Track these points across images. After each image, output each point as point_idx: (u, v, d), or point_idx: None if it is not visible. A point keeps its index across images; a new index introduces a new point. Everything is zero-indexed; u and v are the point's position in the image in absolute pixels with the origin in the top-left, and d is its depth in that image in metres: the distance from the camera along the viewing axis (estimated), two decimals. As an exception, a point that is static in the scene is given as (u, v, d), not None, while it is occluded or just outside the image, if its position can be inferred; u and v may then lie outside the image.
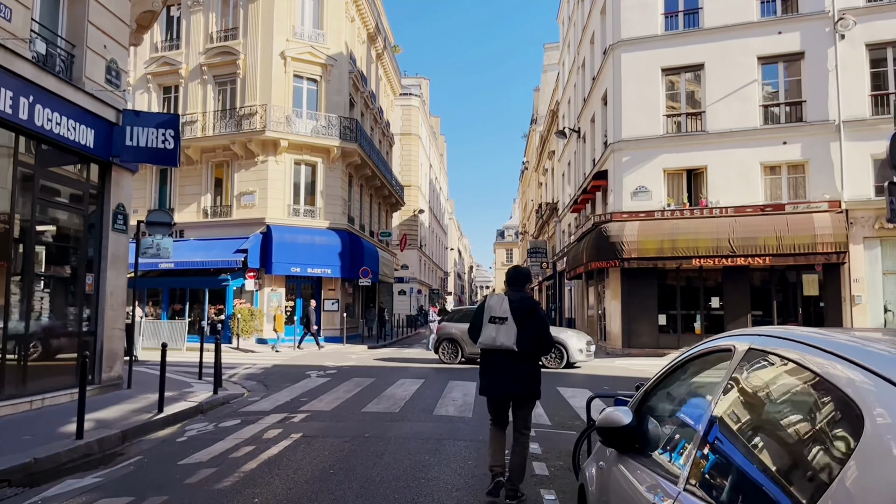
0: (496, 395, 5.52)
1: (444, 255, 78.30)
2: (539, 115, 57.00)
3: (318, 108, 28.19)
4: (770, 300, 20.60)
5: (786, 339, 2.07)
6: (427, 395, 11.48)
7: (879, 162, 19.72)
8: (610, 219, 21.80)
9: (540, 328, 5.47)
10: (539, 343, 5.46)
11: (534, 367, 5.54)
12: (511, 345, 5.34)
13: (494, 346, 5.41)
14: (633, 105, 22.12)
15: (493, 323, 5.45)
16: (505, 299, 5.51)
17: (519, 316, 5.42)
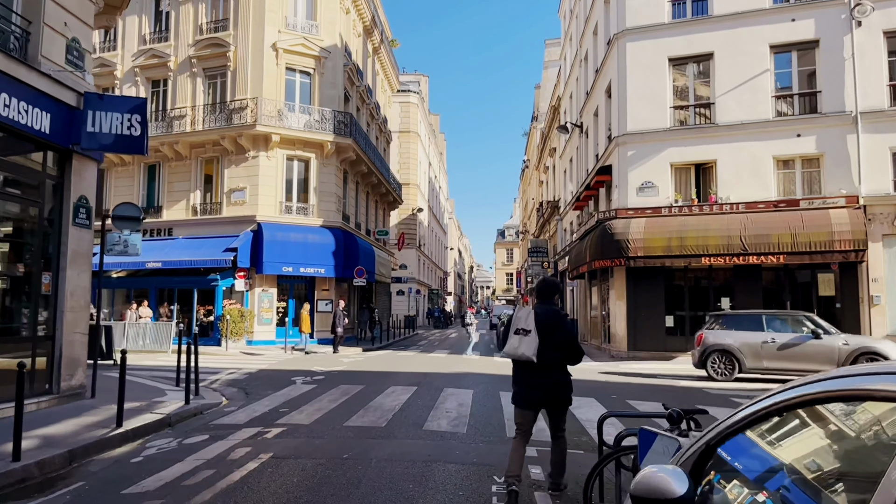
0: (524, 405, 5.68)
1: (443, 255, 77.34)
2: (540, 113, 56.04)
3: (312, 102, 27.24)
4: (783, 301, 19.60)
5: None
6: (418, 405, 10.50)
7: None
8: (615, 215, 20.82)
9: (566, 339, 5.59)
10: (566, 353, 5.58)
11: (563, 375, 5.64)
12: (531, 356, 5.44)
13: (516, 356, 5.57)
14: (638, 97, 21.13)
15: (518, 334, 5.59)
16: (531, 312, 5.61)
17: (542, 328, 5.51)
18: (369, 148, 31.65)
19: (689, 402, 11.10)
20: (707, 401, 11.32)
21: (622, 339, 20.91)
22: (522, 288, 68.64)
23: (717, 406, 10.62)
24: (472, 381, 13.94)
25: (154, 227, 26.93)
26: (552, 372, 5.56)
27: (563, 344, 5.55)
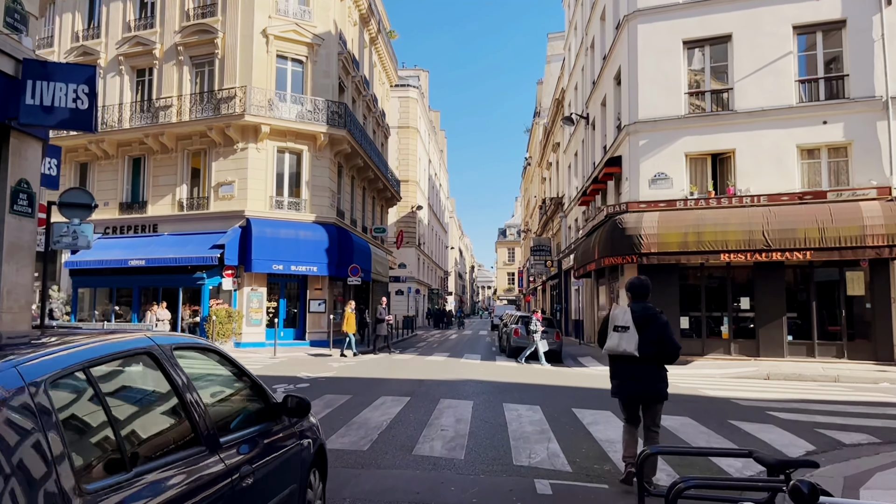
0: (624, 397, 6.05)
1: (444, 255, 75.98)
2: (542, 108, 54.68)
3: (304, 92, 25.87)
4: (808, 301, 18.21)
5: None
6: (409, 420, 9.12)
7: (934, 143, 17.32)
8: (625, 209, 19.43)
9: (661, 334, 5.83)
10: (661, 348, 5.81)
11: (658, 369, 5.89)
12: (633, 350, 5.80)
13: (618, 352, 5.92)
14: (650, 82, 19.74)
15: (617, 331, 5.93)
16: (627, 311, 5.96)
17: (639, 324, 5.85)
18: (365, 141, 30.29)
19: (720, 415, 9.73)
20: (740, 414, 9.94)
21: (633, 341, 19.47)
22: (524, 287, 67.32)
23: (754, 421, 9.23)
24: (472, 389, 12.55)
25: (138, 223, 25.60)
26: (649, 366, 5.87)
27: (659, 339, 5.83)
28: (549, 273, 41.45)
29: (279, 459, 3.64)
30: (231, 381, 3.82)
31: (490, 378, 14.60)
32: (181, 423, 2.89)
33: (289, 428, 3.98)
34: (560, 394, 12.11)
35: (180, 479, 2.59)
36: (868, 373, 15.64)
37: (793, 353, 18.02)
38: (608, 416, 9.50)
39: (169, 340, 3.13)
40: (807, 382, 14.90)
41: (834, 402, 11.15)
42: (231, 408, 3.74)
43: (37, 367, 2.17)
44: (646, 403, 5.98)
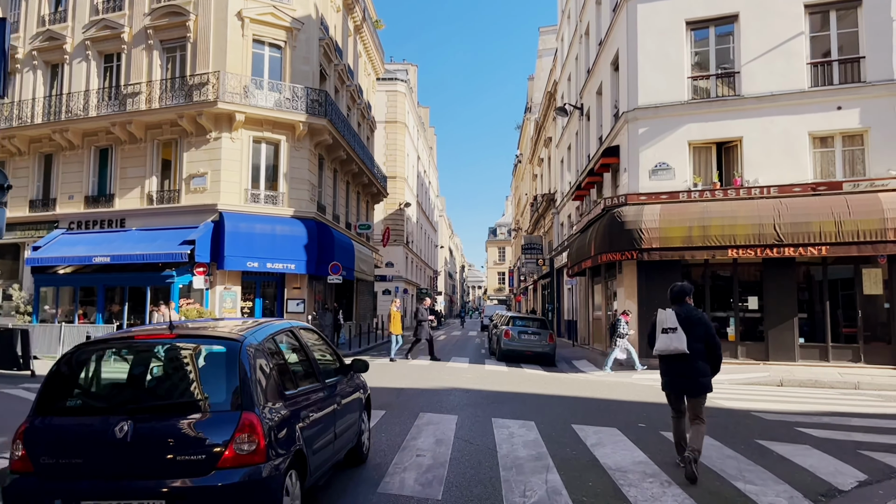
0: (674, 391, 6.76)
1: (433, 254, 74.52)
2: (534, 104, 53.33)
3: (282, 79, 24.36)
4: (822, 300, 16.90)
5: None
6: (380, 443, 7.68)
7: (959, 130, 16.05)
8: (624, 202, 18.05)
9: (706, 332, 6.58)
10: (707, 344, 6.55)
11: (704, 365, 6.53)
12: (684, 348, 6.46)
13: (670, 351, 6.56)
14: (651, 65, 18.37)
15: (665, 333, 6.60)
16: (672, 313, 6.63)
17: (685, 325, 6.52)
18: (349, 133, 28.79)
19: (745, 433, 8.34)
20: (767, 431, 8.56)
21: (633, 344, 18.13)
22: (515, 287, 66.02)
23: (786, 441, 7.84)
24: (458, 400, 11.12)
25: (105, 217, 24.01)
26: (696, 362, 6.49)
27: (704, 336, 6.52)
28: (541, 272, 40.11)
29: (350, 396, 6.38)
30: (324, 348, 6.46)
31: (478, 386, 13.16)
32: (310, 368, 5.71)
33: (353, 380, 6.73)
34: (556, 405, 10.71)
35: (310, 397, 5.27)
36: (891, 379, 14.33)
37: (805, 356, 16.70)
38: (614, 435, 8.10)
39: (297, 324, 6.01)
40: (825, 390, 13.59)
41: (868, 416, 9.80)
42: (326, 363, 6.24)
43: (258, 336, 4.85)
44: (692, 396, 6.59)
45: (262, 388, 4.46)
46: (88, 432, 4.11)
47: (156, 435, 4.06)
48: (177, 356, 4.77)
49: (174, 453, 4.00)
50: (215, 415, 4.18)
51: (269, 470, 4.12)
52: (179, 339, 4.68)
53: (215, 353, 4.60)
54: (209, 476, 3.96)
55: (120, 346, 4.97)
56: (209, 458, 4.00)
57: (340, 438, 5.85)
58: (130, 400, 4.56)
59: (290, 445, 4.50)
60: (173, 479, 3.95)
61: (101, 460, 4.02)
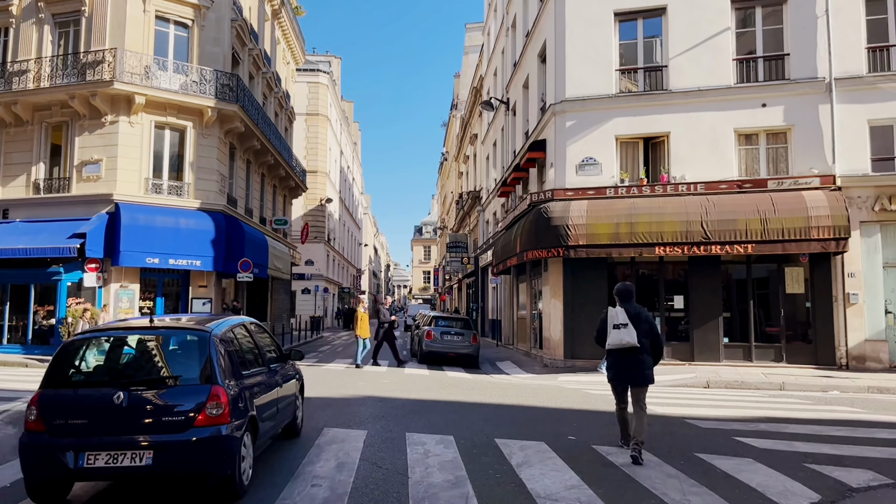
0: (622, 383, 7.22)
1: (357, 252, 72.83)
2: (460, 101, 52.62)
3: (190, 60, 22.51)
4: (745, 299, 16.69)
5: None
6: (271, 467, 6.49)
7: (878, 130, 16.14)
8: (551, 197, 17.36)
9: (651, 329, 7.22)
10: (651, 338, 7.21)
11: (647, 358, 7.12)
12: (634, 342, 6.98)
13: (622, 345, 7.05)
14: (579, 57, 17.76)
15: (617, 329, 7.09)
16: (622, 310, 7.13)
17: (634, 321, 7.07)
18: (264, 122, 27.11)
19: (682, 446, 7.60)
20: (706, 443, 7.85)
21: (558, 344, 17.50)
22: (440, 286, 65.29)
23: (727, 454, 7.12)
24: (370, 411, 10.00)
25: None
26: (643, 355, 7.10)
27: (649, 332, 7.19)
28: (466, 271, 39.39)
29: (290, 380, 7.82)
30: (268, 339, 7.82)
31: (395, 394, 12.07)
32: (258, 354, 6.98)
33: (292, 367, 8.29)
34: (479, 415, 9.74)
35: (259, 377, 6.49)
36: (813, 379, 14.15)
37: (729, 356, 16.45)
38: (543, 452, 7.17)
39: (247, 320, 7.38)
40: (751, 391, 13.24)
41: (803, 422, 9.29)
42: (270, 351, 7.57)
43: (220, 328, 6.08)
44: (638, 386, 7.11)
45: (225, 367, 5.68)
46: (91, 400, 5.28)
47: (145, 402, 5.24)
48: (159, 343, 5.95)
49: (159, 416, 5.19)
50: (191, 387, 5.44)
51: (232, 430, 5.36)
52: (160, 329, 5.98)
53: (189, 341, 5.94)
54: (187, 433, 5.16)
55: (113, 335, 6.17)
56: (187, 420, 5.21)
57: (281, 413, 7.24)
58: (124, 375, 5.73)
59: (246, 413, 5.78)
60: (159, 434, 5.12)
61: (101, 421, 5.14)
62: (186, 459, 5.15)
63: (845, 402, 11.37)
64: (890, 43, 16.12)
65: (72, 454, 5.03)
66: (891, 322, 15.67)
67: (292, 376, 8.03)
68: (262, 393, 6.42)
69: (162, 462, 5.05)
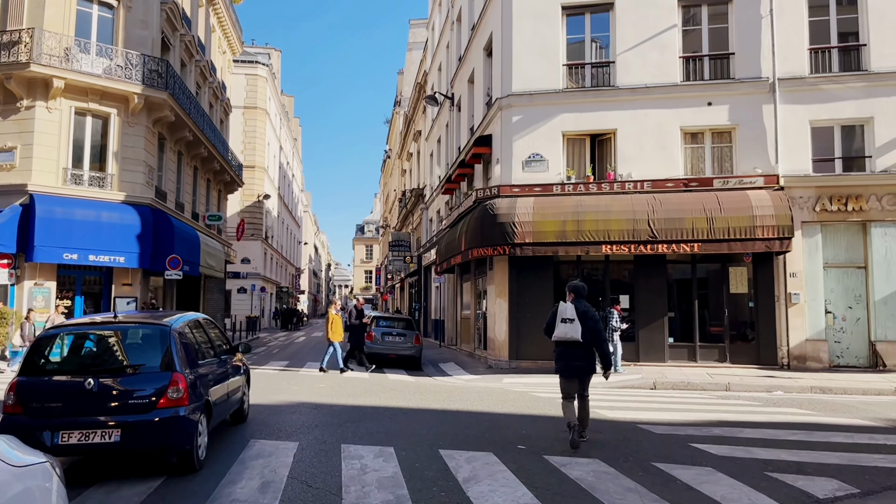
0: (568, 374, 7.67)
1: (297, 251, 71.14)
2: (403, 98, 51.84)
3: (115, 43, 21.08)
4: (690, 299, 16.57)
5: None
6: (183, 489, 5.67)
7: (819, 131, 16.26)
8: (497, 193, 16.86)
9: (595, 326, 7.59)
10: (594, 335, 7.58)
11: (591, 351, 7.63)
12: (578, 337, 7.48)
13: (566, 339, 7.54)
14: (526, 50, 17.33)
15: (564, 323, 7.56)
16: (571, 306, 7.62)
17: (581, 317, 7.53)
18: (197, 112, 25.77)
19: (637, 454, 7.15)
20: (661, 450, 7.41)
21: (502, 345, 17.02)
22: (382, 286, 64.38)
23: (685, 463, 6.68)
24: (304, 419, 9.22)
25: None
26: (588, 348, 7.60)
27: (593, 329, 7.56)
28: (409, 270, 38.68)
29: (238, 369, 8.63)
30: (219, 333, 8.65)
31: (332, 399, 11.29)
32: (210, 346, 7.70)
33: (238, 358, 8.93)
34: (422, 422, 9.09)
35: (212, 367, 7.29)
36: (757, 379, 14.07)
37: (674, 356, 16.30)
38: (491, 465, 6.58)
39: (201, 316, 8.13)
40: (698, 393, 13.03)
41: (757, 425, 8.99)
42: (221, 344, 8.39)
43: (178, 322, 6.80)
44: (584, 376, 7.65)
45: (182, 357, 6.37)
46: (64, 386, 5.94)
47: (113, 387, 5.95)
48: (125, 336, 6.77)
49: (126, 399, 5.93)
50: (153, 374, 6.16)
51: (189, 411, 6.10)
52: (125, 324, 6.82)
53: (151, 333, 6.68)
54: (150, 413, 5.89)
55: (83, 329, 6.88)
56: (150, 402, 5.93)
57: (230, 399, 8.03)
58: (93, 364, 6.50)
59: (202, 397, 6.53)
60: (126, 415, 5.85)
61: (74, 404, 5.79)
62: (150, 437, 5.93)
63: (792, 404, 11.21)
64: (832, 45, 16.26)
65: (48, 433, 5.63)
66: (830, 322, 15.79)
67: (240, 367, 8.95)
68: (214, 380, 7.28)
69: (129, 439, 5.80)
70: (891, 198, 15.46)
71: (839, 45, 16.29)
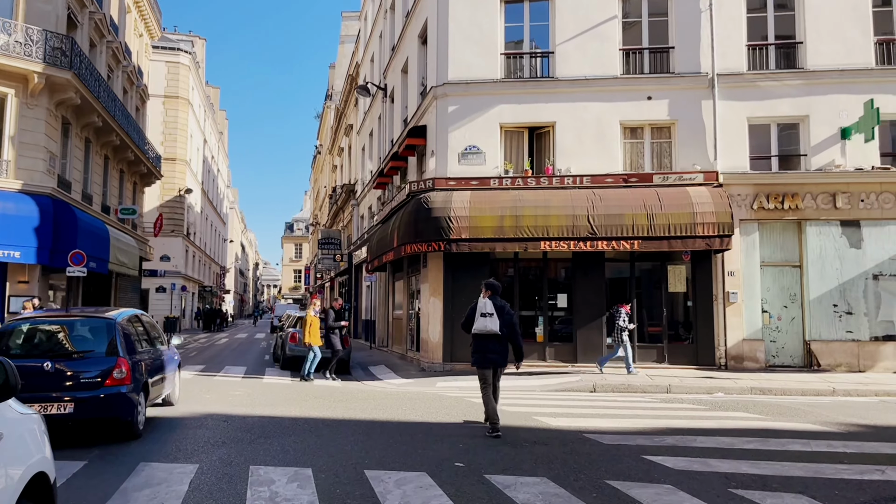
0: (485, 366, 8.32)
1: (222, 248, 68.37)
2: (335, 91, 50.33)
3: (14, 17, 19.12)
4: (629, 298, 16.08)
5: None
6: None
7: (757, 128, 16.10)
8: (432, 186, 15.99)
9: (510, 321, 8.34)
10: (510, 329, 8.31)
11: (506, 346, 8.37)
12: (497, 330, 8.16)
13: (486, 332, 8.20)
14: (463, 37, 16.54)
15: (483, 317, 8.22)
16: (489, 301, 8.29)
17: (498, 312, 8.23)
18: (108, 97, 23.83)
19: (589, 470, 6.38)
20: (614, 464, 6.67)
21: (436, 346, 16.16)
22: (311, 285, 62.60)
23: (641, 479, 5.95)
24: (209, 435, 8.07)
25: None
26: (503, 342, 8.33)
27: (509, 322, 8.30)
28: (339, 268, 37.34)
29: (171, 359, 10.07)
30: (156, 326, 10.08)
31: (245, 409, 10.12)
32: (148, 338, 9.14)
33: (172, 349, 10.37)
34: (347, 435, 8.09)
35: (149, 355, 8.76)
36: (697, 380, 13.69)
37: (612, 357, 15.78)
38: (426, 488, 5.65)
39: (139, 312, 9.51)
40: (639, 395, 12.53)
41: (710, 433, 8.40)
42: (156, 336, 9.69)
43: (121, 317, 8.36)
44: (496, 369, 8.43)
45: (125, 345, 7.87)
46: (25, 368, 6.29)
47: (68, 369, 7.32)
48: (77, 326, 8.31)
49: (78, 378, 7.35)
50: (102, 358, 7.65)
51: (131, 390, 7.59)
52: (77, 318, 8.47)
53: (99, 325, 8.20)
54: (98, 391, 7.36)
55: (41, 320, 8.48)
56: (99, 382, 7.38)
57: (165, 383, 9.50)
58: (51, 350, 7.91)
59: (141, 379, 7.99)
60: (78, 392, 7.29)
61: (34, 383, 6.76)
62: (99, 409, 7.33)
63: (737, 406, 10.77)
64: (769, 42, 16.13)
65: None
66: (766, 321, 15.63)
67: (173, 357, 10.44)
68: (151, 366, 8.66)
69: (81, 410, 7.19)
70: (825, 197, 15.42)
71: (777, 42, 16.18)
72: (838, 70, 15.63)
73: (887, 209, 15.27)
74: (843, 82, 15.60)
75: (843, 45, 15.71)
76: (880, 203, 15.29)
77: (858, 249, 15.43)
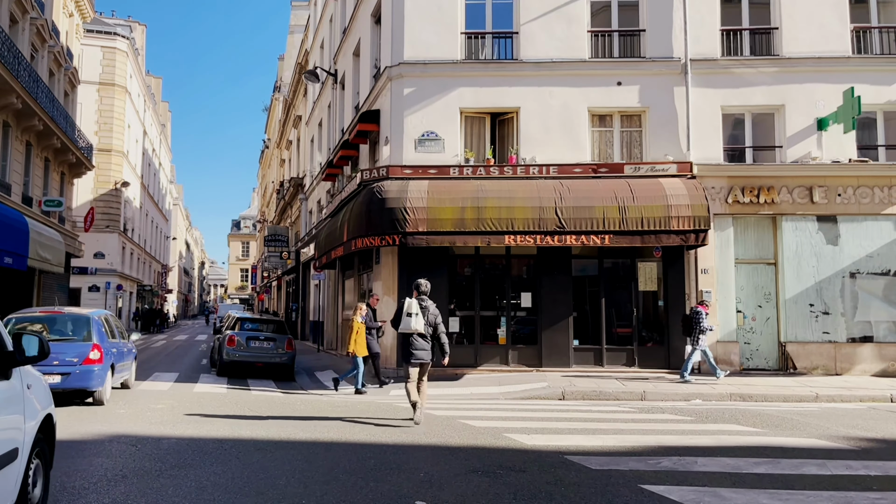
0: (414, 363, 8.85)
1: (164, 246, 65.37)
2: (283, 83, 48.37)
3: (-88, -19, 16.96)
4: (597, 297, 15.08)
5: None
6: None
7: (731, 118, 15.27)
8: (386, 175, 14.63)
9: (434, 320, 8.96)
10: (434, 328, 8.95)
11: (430, 341, 8.93)
12: (422, 329, 8.77)
13: (411, 331, 8.73)
14: (420, 14, 15.27)
15: (409, 316, 8.73)
16: (415, 301, 8.87)
17: (423, 311, 8.85)
18: (30, 78, 21.68)
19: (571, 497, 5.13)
20: (606, 498, 5.44)
21: (390, 350, 14.80)
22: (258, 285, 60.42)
23: None
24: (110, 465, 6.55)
25: None
26: (428, 339, 8.90)
27: (433, 322, 8.94)
28: (286, 267, 35.56)
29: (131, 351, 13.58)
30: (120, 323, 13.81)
31: (164, 428, 8.57)
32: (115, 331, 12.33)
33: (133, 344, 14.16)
34: (281, 463, 6.66)
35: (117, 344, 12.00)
36: (672, 385, 12.74)
37: (579, 360, 14.74)
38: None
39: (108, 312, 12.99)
40: (612, 403, 11.48)
41: (709, 452, 7.28)
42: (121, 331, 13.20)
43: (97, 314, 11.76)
44: (424, 366, 8.96)
45: (99, 335, 10.74)
46: None
47: (56, 350, 7.69)
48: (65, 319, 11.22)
49: (63, 357, 9.84)
50: (82, 343, 10.44)
51: (104, 367, 10.38)
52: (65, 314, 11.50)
53: (81, 319, 11.10)
54: (78, 367, 10.05)
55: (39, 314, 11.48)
56: (79, 360, 10.10)
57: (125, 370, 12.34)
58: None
59: (110, 360, 10.73)
60: (63, 367, 9.85)
61: None
62: (78, 381, 10.06)
63: (726, 417, 9.75)
64: (744, 26, 15.30)
65: None
66: (741, 322, 14.79)
67: (132, 350, 13.40)
68: (118, 353, 11.58)
69: (65, 381, 9.89)
70: (802, 190, 14.66)
71: (751, 28, 15.40)
72: (814, 58, 14.92)
73: (864, 204, 14.60)
74: (820, 70, 14.89)
75: (820, 32, 15.00)
76: (857, 197, 14.61)
77: (835, 246, 14.72)
